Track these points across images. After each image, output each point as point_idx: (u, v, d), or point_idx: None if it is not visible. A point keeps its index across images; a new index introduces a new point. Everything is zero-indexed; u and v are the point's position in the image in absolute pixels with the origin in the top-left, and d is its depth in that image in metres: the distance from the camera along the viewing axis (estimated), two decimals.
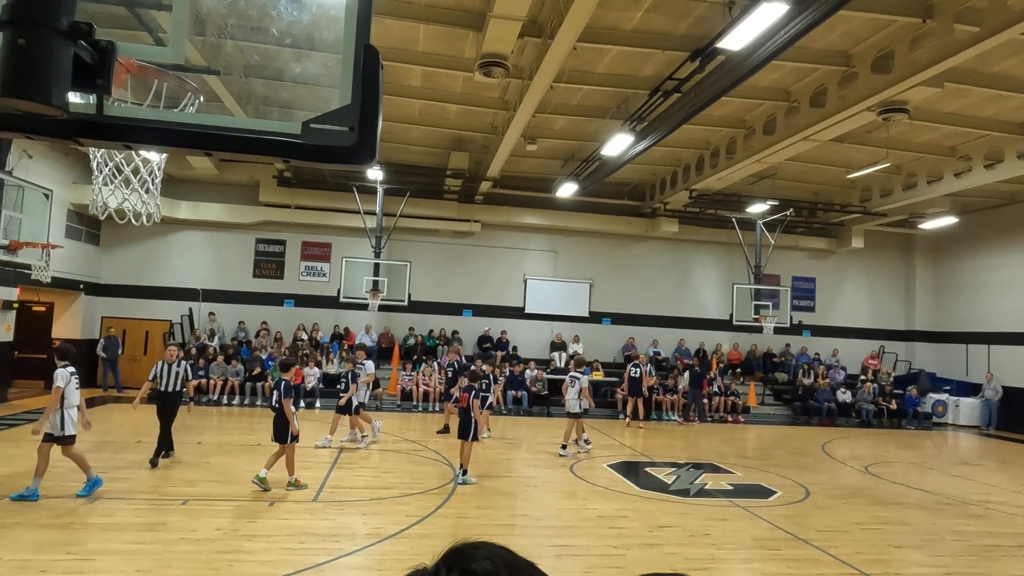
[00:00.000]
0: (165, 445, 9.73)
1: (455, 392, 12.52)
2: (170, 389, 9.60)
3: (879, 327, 23.23)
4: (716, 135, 16.15)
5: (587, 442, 12.53)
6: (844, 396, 19.71)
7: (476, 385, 9.76)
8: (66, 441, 7.49)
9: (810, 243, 22.52)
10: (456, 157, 18.28)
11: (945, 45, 9.65)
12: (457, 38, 11.68)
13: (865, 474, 11.91)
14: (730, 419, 18.59)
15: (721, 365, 19.64)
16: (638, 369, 16.38)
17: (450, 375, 13.23)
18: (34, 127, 1.42)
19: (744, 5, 8.37)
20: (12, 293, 14.94)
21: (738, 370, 20.84)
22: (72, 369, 7.63)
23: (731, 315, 18.84)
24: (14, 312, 15.14)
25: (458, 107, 14.83)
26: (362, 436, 11.88)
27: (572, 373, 12.68)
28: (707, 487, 9.99)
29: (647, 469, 11.23)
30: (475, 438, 9.53)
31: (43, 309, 18.42)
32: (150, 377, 9.69)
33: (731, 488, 10.02)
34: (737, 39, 8.71)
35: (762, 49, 9.03)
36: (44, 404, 14.63)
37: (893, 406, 19.56)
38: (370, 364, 12.60)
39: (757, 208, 18.75)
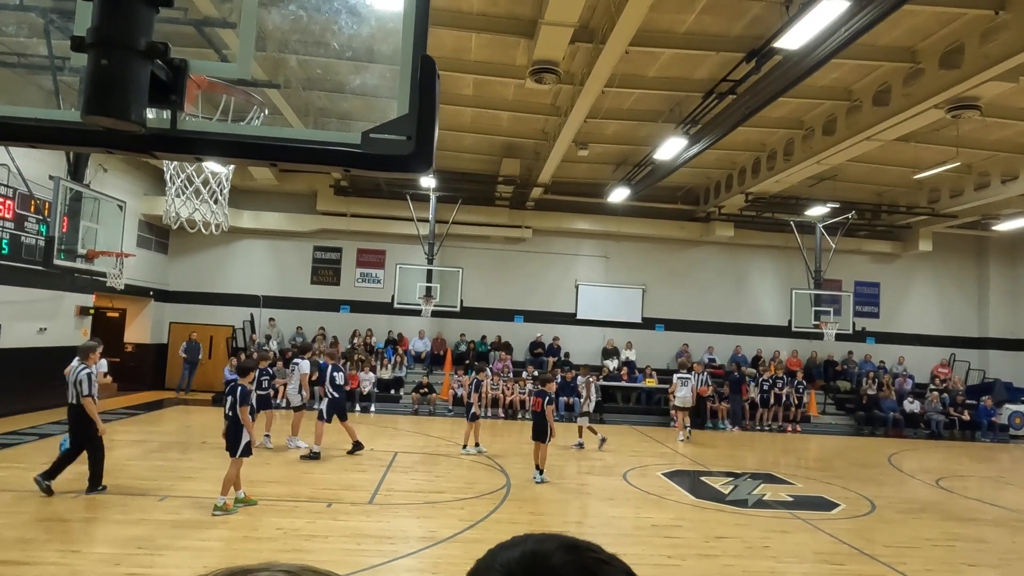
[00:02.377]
0: (53, 471, 7.76)
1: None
2: (71, 401, 7.87)
3: (949, 334, 22.13)
4: (773, 137, 15.75)
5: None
6: (911, 406, 18.84)
7: (547, 390, 10.19)
8: None
9: (874, 246, 21.67)
10: (507, 164, 18.38)
11: (1020, 38, 9.16)
12: (508, 46, 11.76)
13: (936, 488, 11.36)
14: (789, 428, 18.08)
15: (779, 373, 19.06)
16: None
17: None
18: (114, 142, 1.50)
19: (802, 3, 8.16)
20: (88, 299, 15.79)
21: (797, 376, 20.16)
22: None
23: (790, 321, 18.26)
24: (90, 317, 15.99)
25: (509, 114, 14.91)
26: (265, 435, 11.20)
27: (680, 375, 15.54)
28: (766, 498, 9.71)
29: (703, 478, 10.99)
30: (549, 440, 10.01)
31: (116, 315, 19.39)
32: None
33: (791, 499, 9.71)
34: (795, 38, 8.48)
35: (821, 48, 8.77)
36: (116, 405, 15.43)
37: (965, 417, 18.59)
38: (305, 364, 11.94)
39: (817, 211, 18.17)
